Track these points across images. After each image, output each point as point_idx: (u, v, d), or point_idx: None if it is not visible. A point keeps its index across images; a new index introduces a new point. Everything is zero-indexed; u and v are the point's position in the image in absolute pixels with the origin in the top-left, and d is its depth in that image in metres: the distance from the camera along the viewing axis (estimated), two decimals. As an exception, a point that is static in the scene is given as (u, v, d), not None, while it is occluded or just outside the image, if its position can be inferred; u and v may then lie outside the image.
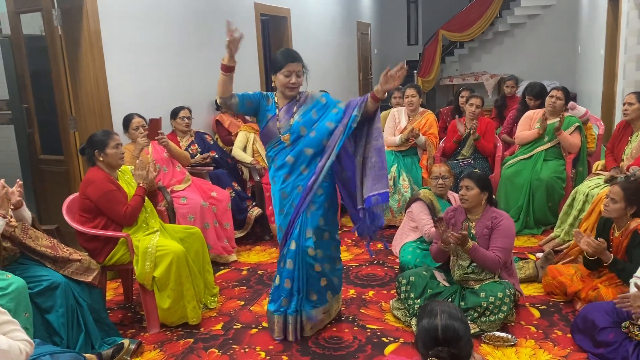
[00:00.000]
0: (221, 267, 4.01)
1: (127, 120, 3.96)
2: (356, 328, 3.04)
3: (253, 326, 3.12)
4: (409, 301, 3.01)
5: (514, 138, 4.79)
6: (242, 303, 3.43)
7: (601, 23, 6.75)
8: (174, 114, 4.50)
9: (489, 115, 6.11)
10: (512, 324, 2.97)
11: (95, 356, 2.61)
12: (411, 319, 2.97)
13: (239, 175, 4.87)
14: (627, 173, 3.52)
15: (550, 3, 10.49)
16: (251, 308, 3.35)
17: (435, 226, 2.91)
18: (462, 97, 5.45)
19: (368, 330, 3.01)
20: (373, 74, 11.33)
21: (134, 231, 3.12)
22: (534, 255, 3.90)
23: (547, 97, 4.48)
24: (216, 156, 4.64)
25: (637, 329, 2.43)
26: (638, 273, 2.60)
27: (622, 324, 2.52)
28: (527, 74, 10.02)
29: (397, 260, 3.80)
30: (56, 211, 3.64)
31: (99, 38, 3.93)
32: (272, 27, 6.98)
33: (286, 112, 2.84)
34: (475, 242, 2.94)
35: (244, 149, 4.84)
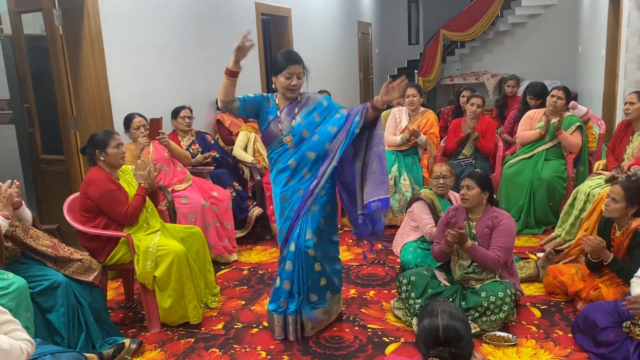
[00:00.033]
0: (222, 267, 4.01)
1: (128, 119, 3.96)
2: (357, 328, 3.04)
3: (254, 326, 3.12)
4: (410, 301, 3.01)
5: (515, 138, 4.79)
6: (243, 303, 3.43)
7: (602, 23, 6.74)
8: (175, 114, 4.50)
9: (490, 114, 6.10)
10: (513, 324, 2.97)
11: (96, 356, 2.61)
12: (412, 319, 2.97)
13: (240, 174, 4.87)
14: (628, 173, 3.51)
15: (551, 3, 10.46)
16: (252, 308, 3.35)
17: (446, 234, 2.90)
18: (463, 97, 5.45)
19: (369, 330, 3.01)
20: (374, 74, 11.33)
21: (135, 231, 3.12)
22: (535, 254, 3.89)
23: (548, 97, 4.47)
24: (217, 156, 4.64)
25: (639, 329, 2.43)
26: (639, 273, 2.60)
27: (623, 324, 2.52)
28: (528, 74, 10.01)
29: (398, 260, 3.80)
30: (57, 211, 3.64)
31: (100, 38, 3.94)
32: (273, 27, 6.97)
33: (288, 114, 2.84)
34: (474, 242, 2.94)
35: (245, 149, 4.85)
